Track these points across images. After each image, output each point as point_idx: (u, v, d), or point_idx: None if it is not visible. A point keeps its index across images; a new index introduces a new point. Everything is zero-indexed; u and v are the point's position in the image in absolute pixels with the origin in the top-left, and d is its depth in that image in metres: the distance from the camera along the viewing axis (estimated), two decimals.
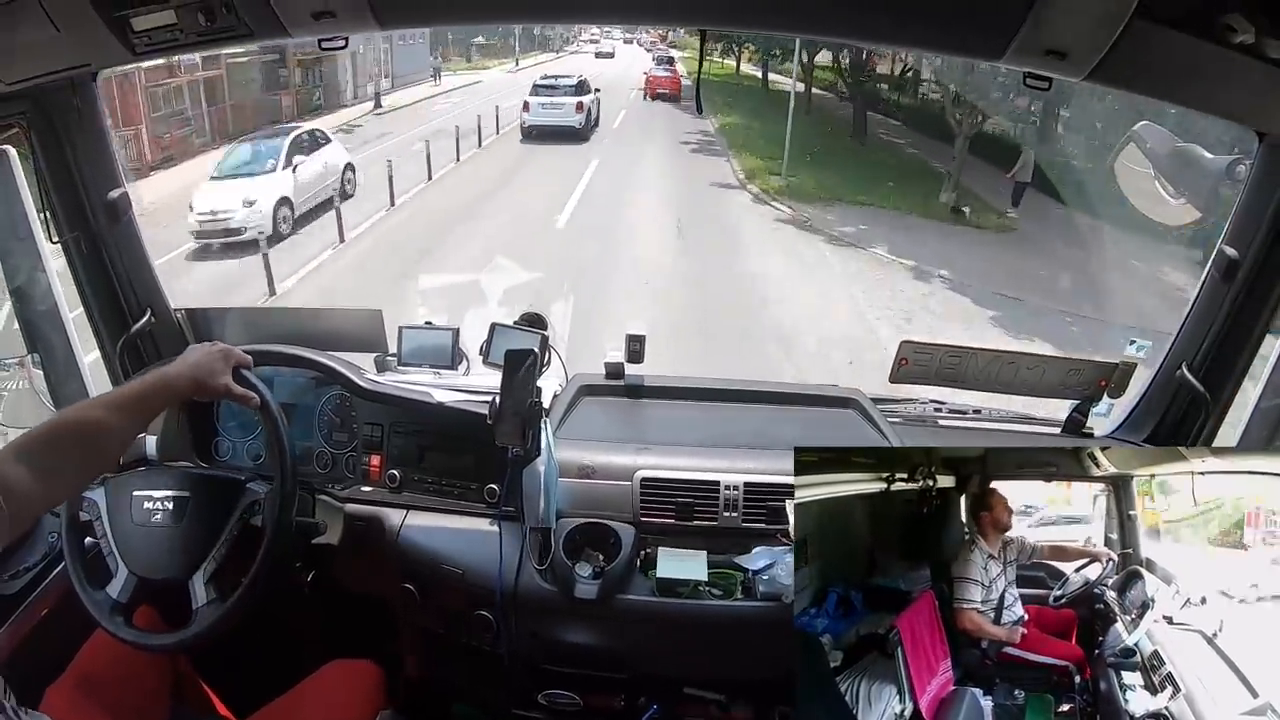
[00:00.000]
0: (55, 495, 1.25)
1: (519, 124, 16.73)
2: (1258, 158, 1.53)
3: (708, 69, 27.83)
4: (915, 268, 10.42)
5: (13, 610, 1.61)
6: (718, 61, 32.41)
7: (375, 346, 2.04)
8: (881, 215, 12.88)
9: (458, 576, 1.71)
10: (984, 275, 10.19)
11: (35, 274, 1.85)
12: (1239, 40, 1.14)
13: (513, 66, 30.44)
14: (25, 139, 1.68)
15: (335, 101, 19.92)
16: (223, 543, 1.53)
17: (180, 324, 2.02)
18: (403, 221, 11.59)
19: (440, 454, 1.84)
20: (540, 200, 12.26)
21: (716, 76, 29.06)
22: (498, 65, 31.05)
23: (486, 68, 30.46)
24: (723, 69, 31.81)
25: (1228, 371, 1.71)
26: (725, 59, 32.69)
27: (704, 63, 1.70)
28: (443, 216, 11.54)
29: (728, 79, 29.07)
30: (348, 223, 10.79)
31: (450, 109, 19.47)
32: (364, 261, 10.03)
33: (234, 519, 1.55)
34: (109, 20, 1.37)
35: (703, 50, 1.68)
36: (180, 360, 1.41)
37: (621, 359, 2.02)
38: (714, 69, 30.63)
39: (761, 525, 1.70)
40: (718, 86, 25.99)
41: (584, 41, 40.79)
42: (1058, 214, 11.69)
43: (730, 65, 32.02)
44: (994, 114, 13.12)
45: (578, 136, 16.30)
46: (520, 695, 1.76)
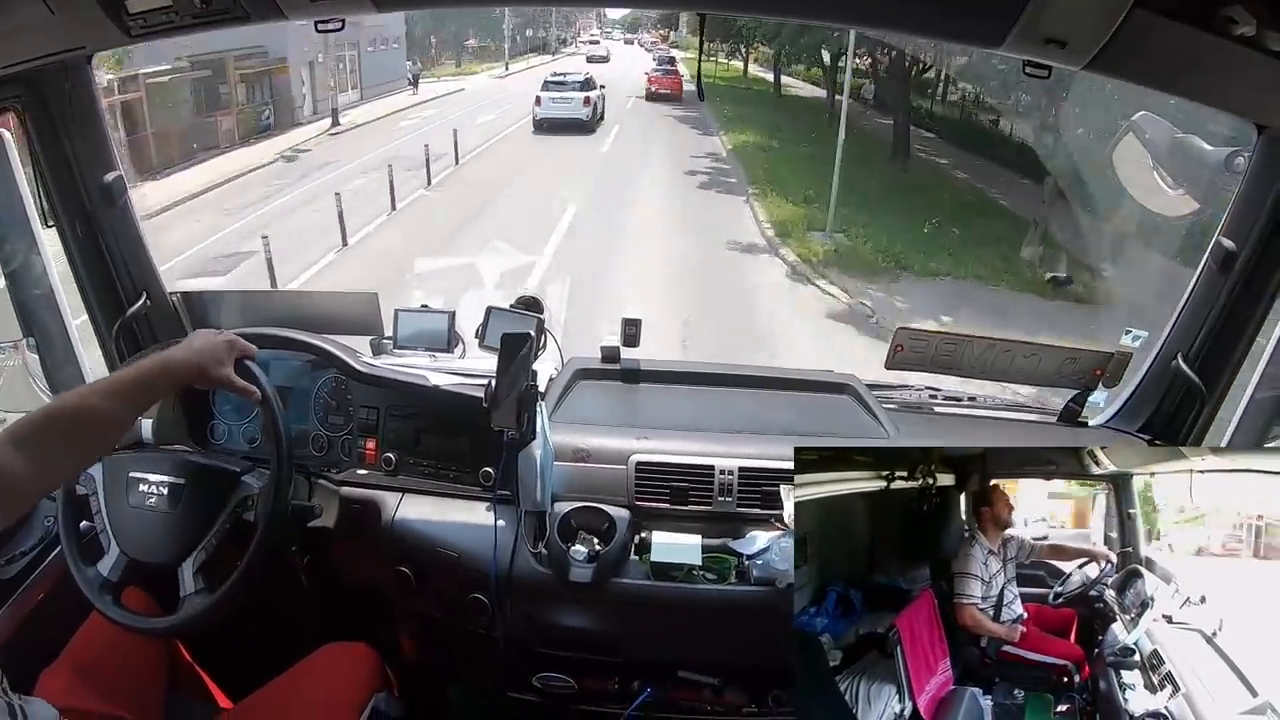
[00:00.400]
0: (50, 482, 1.25)
1: (530, 118, 17.78)
2: (1257, 150, 1.52)
3: (714, 71, 27.07)
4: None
5: (8, 595, 1.62)
6: (724, 63, 30.45)
7: (371, 330, 2.04)
8: (964, 291, 9.36)
9: (453, 560, 1.71)
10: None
11: (30, 258, 1.85)
12: (1239, 32, 1.14)
13: (501, 71, 29.37)
14: (19, 122, 1.67)
15: (289, 120, 17.54)
16: (214, 534, 1.54)
17: (176, 307, 2.01)
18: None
19: (436, 437, 1.84)
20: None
21: (723, 80, 27.04)
22: (486, 70, 29.50)
23: (474, 73, 28.91)
24: (729, 71, 29.59)
25: (1223, 363, 1.71)
26: (732, 60, 30.84)
27: (712, 65, 1.69)
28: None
29: (734, 82, 26.92)
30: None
31: (419, 126, 17.19)
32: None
33: (227, 511, 1.56)
34: (103, 2, 1.36)
35: (702, 35, 1.67)
36: (183, 345, 1.38)
37: (617, 343, 2.02)
38: (720, 71, 28.78)
39: (756, 510, 1.70)
40: (725, 92, 24.18)
41: (583, 43, 40.26)
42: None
43: (737, 67, 30.04)
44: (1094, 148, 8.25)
45: (584, 129, 17.25)
46: (515, 678, 1.77)
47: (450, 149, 14.72)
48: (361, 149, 15.43)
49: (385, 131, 17.21)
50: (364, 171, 12.82)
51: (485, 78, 27.92)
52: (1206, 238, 1.67)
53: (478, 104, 18.93)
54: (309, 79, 18.26)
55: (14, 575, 1.64)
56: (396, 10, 1.60)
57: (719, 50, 29.41)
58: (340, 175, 13.35)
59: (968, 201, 12.52)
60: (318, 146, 16.39)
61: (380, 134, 17.05)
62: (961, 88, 16.43)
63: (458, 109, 18.89)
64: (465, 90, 23.81)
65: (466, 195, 12.62)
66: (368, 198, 11.59)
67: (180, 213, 11.64)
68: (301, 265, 9.33)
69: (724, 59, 30.92)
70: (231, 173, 13.94)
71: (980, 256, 10.14)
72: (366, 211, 11.25)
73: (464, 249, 9.75)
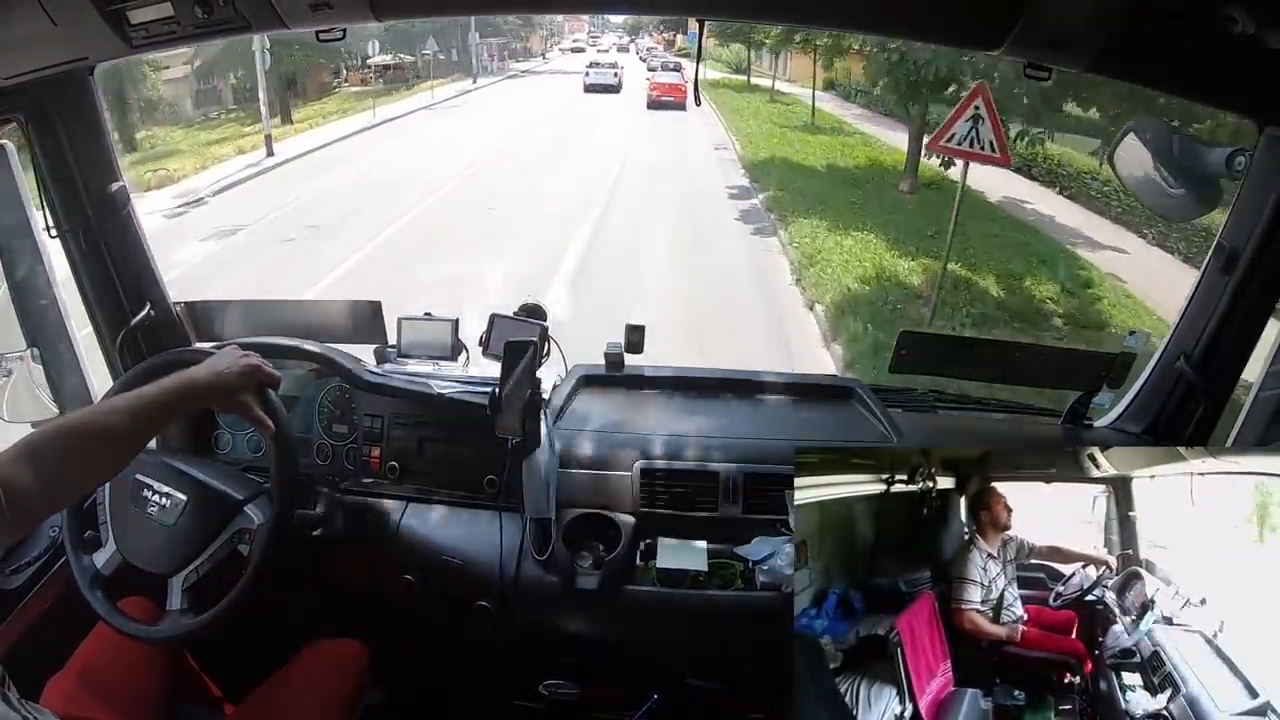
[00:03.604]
0: (62, 500, 1.22)
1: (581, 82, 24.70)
2: (1258, 150, 1.52)
3: (738, 89, 23.63)
4: None
5: (14, 604, 1.62)
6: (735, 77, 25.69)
7: (375, 338, 2.04)
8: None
9: (458, 567, 1.71)
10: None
11: (34, 268, 1.85)
12: (1239, 32, 1.14)
13: (462, 88, 25.50)
14: (22, 133, 1.67)
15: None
16: (207, 558, 1.54)
17: (179, 317, 2.01)
18: None
19: (440, 445, 1.84)
20: None
21: (735, 93, 23.16)
22: (434, 87, 23.54)
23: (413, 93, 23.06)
24: (736, 83, 25.29)
25: (1226, 364, 1.71)
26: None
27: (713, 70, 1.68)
28: None
29: (775, 113, 20.13)
30: None
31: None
32: None
33: (222, 539, 1.55)
34: (106, 13, 1.37)
35: (701, 40, 1.67)
36: (206, 366, 1.35)
37: (621, 349, 2.02)
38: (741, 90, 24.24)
39: (761, 515, 1.70)
40: (742, 108, 20.40)
41: (567, 50, 39.23)
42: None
43: (740, 80, 25.61)
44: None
45: (614, 90, 24.47)
46: (521, 686, 1.77)
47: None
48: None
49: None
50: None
51: (425, 97, 22.36)
52: (1209, 237, 1.67)
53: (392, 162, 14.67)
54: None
55: (20, 585, 1.64)
56: (396, 19, 1.59)
57: (757, 60, 25.93)
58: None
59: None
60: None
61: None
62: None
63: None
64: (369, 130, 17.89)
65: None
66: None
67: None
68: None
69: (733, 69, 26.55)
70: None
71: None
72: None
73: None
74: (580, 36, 41.52)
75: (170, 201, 11.58)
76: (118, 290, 1.88)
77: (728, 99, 22.43)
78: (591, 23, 41.24)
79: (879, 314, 7.67)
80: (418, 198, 11.95)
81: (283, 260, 9.33)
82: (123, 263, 1.86)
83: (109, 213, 1.80)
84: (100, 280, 1.85)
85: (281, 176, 13.66)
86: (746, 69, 26.87)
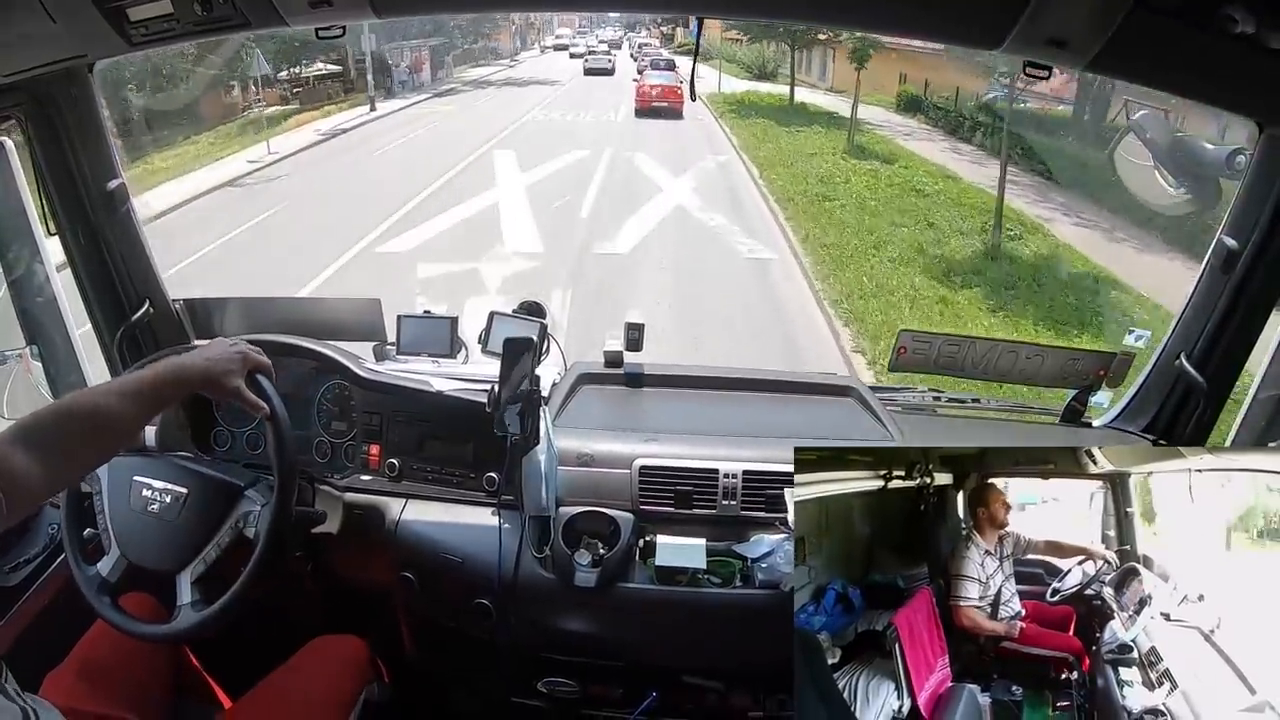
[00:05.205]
0: (58, 483, 1.23)
1: (581, 67, 30.25)
2: (1258, 149, 1.52)
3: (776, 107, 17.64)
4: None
5: (13, 601, 1.62)
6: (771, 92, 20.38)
7: (374, 335, 2.04)
8: None
9: (457, 565, 1.71)
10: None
11: (33, 266, 1.85)
12: (1239, 31, 1.14)
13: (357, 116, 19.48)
14: (22, 130, 1.67)
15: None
16: (213, 546, 1.53)
17: (179, 315, 2.01)
18: None
19: (439, 443, 1.84)
20: None
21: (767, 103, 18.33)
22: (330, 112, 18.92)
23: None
24: (770, 99, 19.44)
25: (1226, 362, 1.71)
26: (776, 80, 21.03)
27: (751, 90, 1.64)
28: None
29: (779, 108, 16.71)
30: None
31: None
32: None
33: (228, 525, 1.55)
34: (105, 11, 1.36)
35: (698, 38, 1.67)
36: (198, 353, 1.37)
37: (620, 347, 2.02)
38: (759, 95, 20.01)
39: (760, 513, 1.70)
40: (767, 130, 15.59)
41: (548, 48, 38.88)
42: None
43: (776, 94, 19.89)
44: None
45: (608, 73, 29.22)
46: (520, 683, 1.77)
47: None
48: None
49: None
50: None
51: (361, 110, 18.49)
52: (1208, 236, 1.67)
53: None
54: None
55: (19, 582, 1.64)
56: (396, 16, 1.59)
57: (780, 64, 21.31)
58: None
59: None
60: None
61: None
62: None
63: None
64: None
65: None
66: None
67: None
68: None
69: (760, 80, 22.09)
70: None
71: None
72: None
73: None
74: (565, 32, 40.34)
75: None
76: (117, 287, 1.88)
77: (770, 141, 15.12)
78: (583, 16, 38.53)
79: None
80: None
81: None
82: (122, 260, 1.86)
83: (108, 210, 1.79)
84: (99, 277, 1.85)
85: None
86: (790, 74, 20.02)
